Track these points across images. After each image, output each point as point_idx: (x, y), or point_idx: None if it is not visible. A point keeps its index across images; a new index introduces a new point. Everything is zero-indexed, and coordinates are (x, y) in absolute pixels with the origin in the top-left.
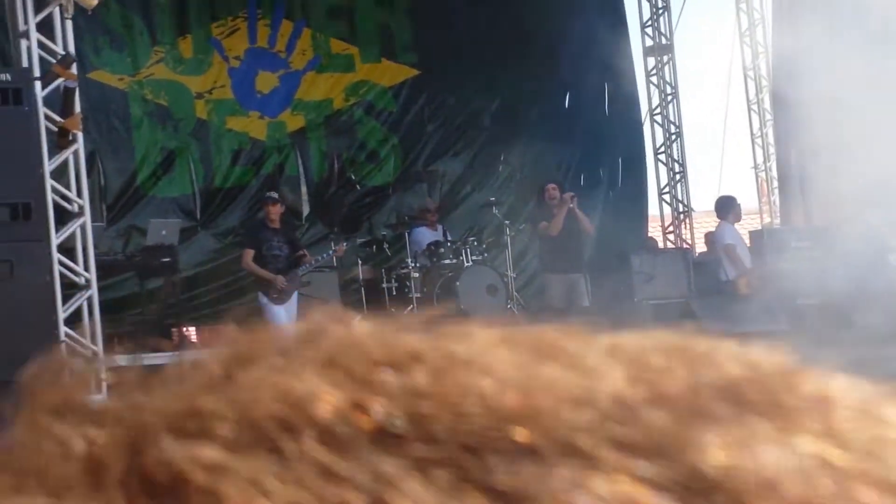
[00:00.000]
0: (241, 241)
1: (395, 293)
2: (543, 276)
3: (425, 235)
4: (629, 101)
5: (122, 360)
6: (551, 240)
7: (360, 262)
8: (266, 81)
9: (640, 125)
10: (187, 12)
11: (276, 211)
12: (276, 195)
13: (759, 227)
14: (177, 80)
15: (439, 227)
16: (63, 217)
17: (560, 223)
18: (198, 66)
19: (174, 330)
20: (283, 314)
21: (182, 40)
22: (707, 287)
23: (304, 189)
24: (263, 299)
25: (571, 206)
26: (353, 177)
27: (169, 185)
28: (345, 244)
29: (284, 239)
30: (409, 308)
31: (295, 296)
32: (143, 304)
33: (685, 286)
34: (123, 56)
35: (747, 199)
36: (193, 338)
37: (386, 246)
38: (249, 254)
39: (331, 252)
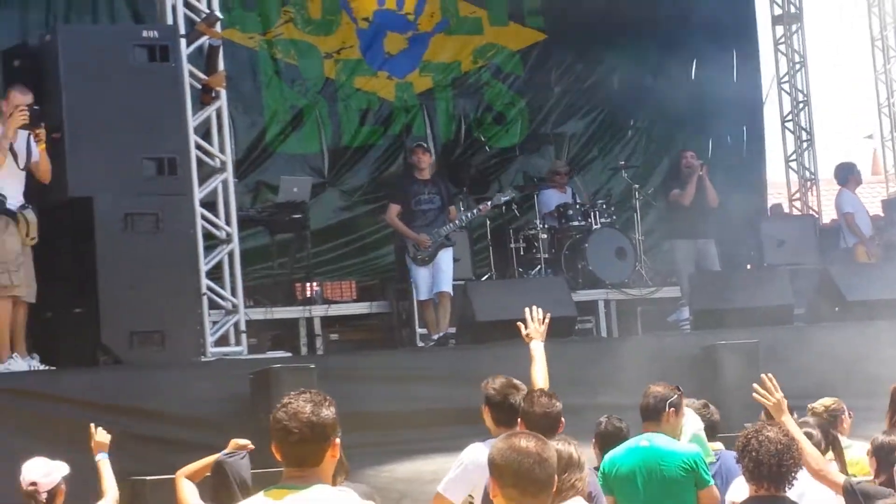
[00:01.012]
0: (388, 194)
1: (522, 253)
2: (672, 242)
3: (554, 197)
4: (753, 70)
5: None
6: (681, 206)
7: (488, 222)
8: (394, 43)
9: (760, 93)
10: None
11: (426, 160)
12: (425, 143)
13: (886, 196)
14: (306, 40)
15: (568, 189)
16: (204, 172)
17: (692, 193)
18: (327, 26)
19: (297, 285)
20: (426, 276)
21: (311, 1)
22: (831, 254)
23: (431, 149)
24: (408, 259)
25: (701, 173)
26: (482, 137)
27: (297, 143)
28: (489, 203)
29: (435, 190)
30: (537, 269)
31: (445, 255)
32: (272, 259)
33: (815, 252)
34: (253, 15)
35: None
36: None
37: (514, 207)
38: (395, 209)
39: (476, 210)
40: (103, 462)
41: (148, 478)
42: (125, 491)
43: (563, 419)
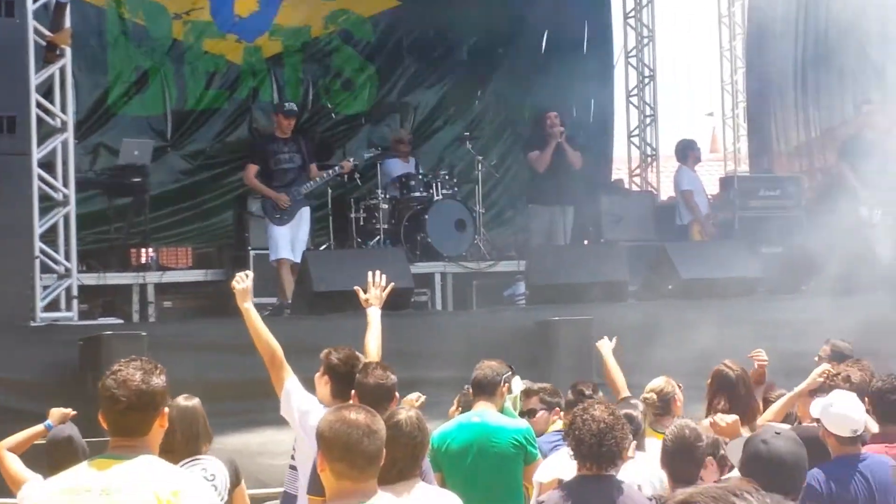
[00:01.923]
0: (244, 155)
1: (362, 223)
2: (530, 208)
3: (396, 167)
4: (605, 43)
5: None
6: (536, 173)
7: (329, 190)
8: (245, 5)
9: (611, 67)
10: None
11: (289, 125)
12: (296, 108)
13: (724, 174)
14: (155, 0)
15: (411, 160)
16: (43, 131)
17: (547, 160)
18: None
19: (132, 251)
20: (286, 234)
21: None
22: (667, 231)
23: None
24: (266, 220)
25: (560, 140)
26: (329, 104)
27: (141, 105)
28: (351, 160)
29: (295, 148)
30: (376, 239)
31: (305, 215)
32: (109, 223)
33: (652, 229)
34: None
35: (716, 146)
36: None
37: (357, 176)
38: (252, 169)
39: (337, 168)
40: None
41: None
42: None
43: (396, 392)
